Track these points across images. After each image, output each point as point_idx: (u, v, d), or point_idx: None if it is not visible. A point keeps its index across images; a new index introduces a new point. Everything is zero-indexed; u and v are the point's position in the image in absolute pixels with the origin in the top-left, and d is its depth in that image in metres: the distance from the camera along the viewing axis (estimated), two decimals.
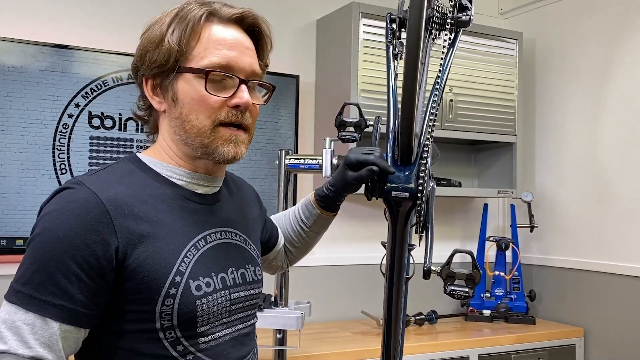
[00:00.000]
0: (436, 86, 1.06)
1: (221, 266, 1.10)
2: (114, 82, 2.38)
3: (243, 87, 1.07)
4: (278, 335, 2.14)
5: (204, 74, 1.05)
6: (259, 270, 1.21)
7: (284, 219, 1.46)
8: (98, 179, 1.04)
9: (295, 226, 1.43)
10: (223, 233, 1.14)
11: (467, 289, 1.03)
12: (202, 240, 1.09)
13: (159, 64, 1.06)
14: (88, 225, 0.97)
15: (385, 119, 1.13)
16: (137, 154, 1.13)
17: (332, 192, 1.33)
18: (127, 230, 0.99)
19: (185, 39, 1.05)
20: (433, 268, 1.04)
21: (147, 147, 1.17)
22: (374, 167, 1.07)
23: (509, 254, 3.07)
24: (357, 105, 1.35)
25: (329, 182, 1.35)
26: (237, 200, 1.25)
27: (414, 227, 1.09)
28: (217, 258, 1.10)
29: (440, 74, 1.06)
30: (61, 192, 1.02)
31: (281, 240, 1.44)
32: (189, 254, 1.05)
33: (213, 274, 1.07)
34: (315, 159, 1.99)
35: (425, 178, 1.02)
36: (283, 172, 2.15)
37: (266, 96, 1.17)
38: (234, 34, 1.09)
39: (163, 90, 1.09)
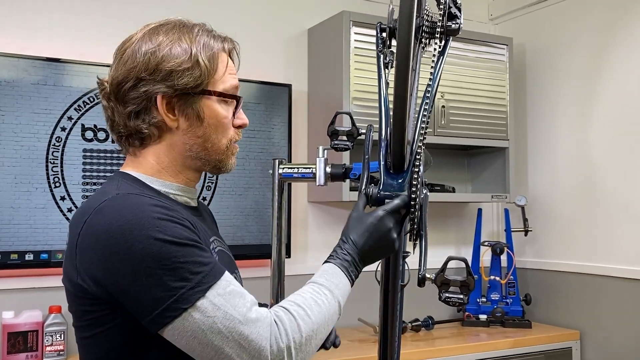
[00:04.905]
0: (427, 94, 1.07)
1: (228, 269, 1.12)
2: None
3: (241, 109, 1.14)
4: None
5: (235, 99, 1.12)
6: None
7: None
8: (127, 189, 1.03)
9: None
10: (217, 241, 1.18)
11: (461, 296, 1.03)
12: (211, 244, 1.13)
13: (191, 85, 1.06)
14: (171, 208, 1.01)
15: (378, 127, 1.14)
16: (126, 172, 1.10)
17: None
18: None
19: (210, 64, 1.08)
20: (428, 275, 1.05)
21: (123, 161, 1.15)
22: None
23: (503, 258, 3.08)
24: (350, 114, 1.37)
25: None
26: (206, 216, 1.27)
27: (408, 235, 1.10)
28: (224, 261, 1.13)
29: (431, 82, 1.06)
30: (121, 204, 0.99)
31: None
32: (215, 256, 1.10)
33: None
34: (309, 168, 1.99)
35: (419, 186, 1.03)
36: (277, 181, 2.15)
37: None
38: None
39: (180, 108, 1.07)
